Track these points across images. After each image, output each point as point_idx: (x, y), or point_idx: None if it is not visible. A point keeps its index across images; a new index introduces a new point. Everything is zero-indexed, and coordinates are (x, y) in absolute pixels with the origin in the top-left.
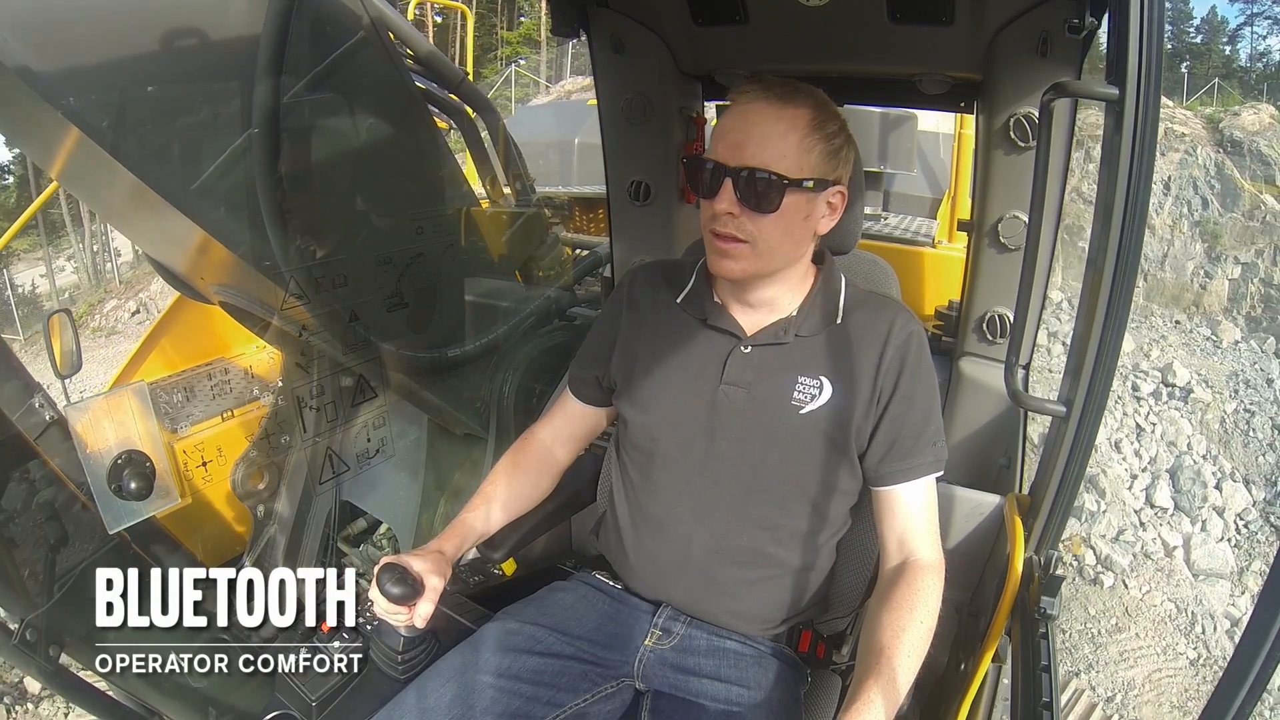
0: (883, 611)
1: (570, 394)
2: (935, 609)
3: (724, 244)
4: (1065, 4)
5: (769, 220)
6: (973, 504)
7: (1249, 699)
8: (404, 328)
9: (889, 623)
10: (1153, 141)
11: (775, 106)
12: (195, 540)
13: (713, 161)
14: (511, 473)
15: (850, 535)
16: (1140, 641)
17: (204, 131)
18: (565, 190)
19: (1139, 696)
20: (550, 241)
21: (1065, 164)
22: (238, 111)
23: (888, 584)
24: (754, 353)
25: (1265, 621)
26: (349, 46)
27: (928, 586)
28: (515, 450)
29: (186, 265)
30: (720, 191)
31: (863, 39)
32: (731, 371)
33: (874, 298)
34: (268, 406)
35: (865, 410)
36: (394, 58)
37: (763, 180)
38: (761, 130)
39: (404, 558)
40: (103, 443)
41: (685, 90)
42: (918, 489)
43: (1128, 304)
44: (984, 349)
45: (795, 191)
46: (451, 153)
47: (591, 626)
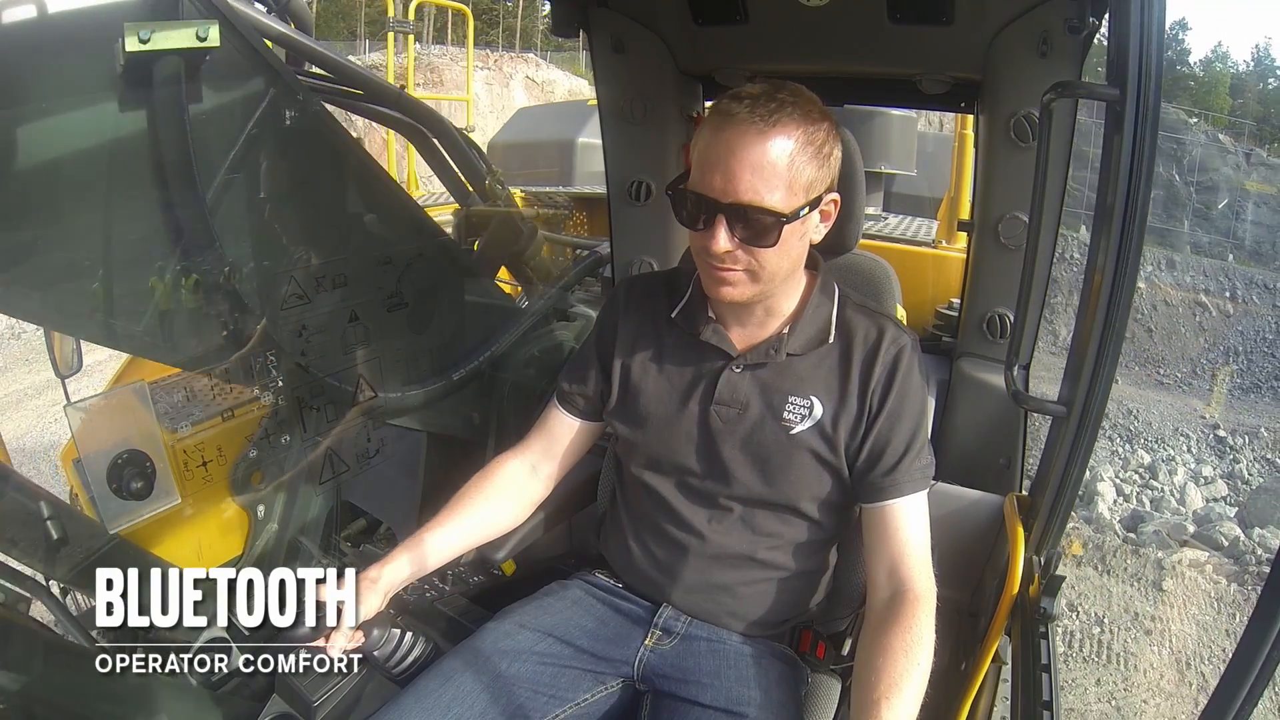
0: (877, 657)
1: (558, 409)
2: (931, 646)
3: (721, 272)
4: (1065, 4)
5: (768, 253)
6: (973, 504)
7: (1249, 699)
8: (397, 368)
9: (887, 670)
10: (1153, 142)
11: (761, 129)
12: (195, 540)
13: (703, 196)
14: (474, 500)
15: (850, 536)
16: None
17: (115, 266)
18: (565, 190)
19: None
20: (529, 233)
21: (1065, 164)
22: (157, 230)
23: (879, 623)
24: (745, 373)
25: (1265, 621)
26: (258, 117)
27: (922, 624)
28: (483, 475)
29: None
30: (714, 228)
31: (863, 39)
32: (723, 392)
33: (865, 311)
34: (268, 406)
35: (854, 428)
36: (307, 104)
37: (760, 218)
38: (752, 160)
39: (331, 582)
40: (103, 443)
41: (685, 90)
42: (907, 507)
43: (1128, 304)
44: (984, 349)
45: (792, 222)
46: (388, 180)
47: (591, 627)
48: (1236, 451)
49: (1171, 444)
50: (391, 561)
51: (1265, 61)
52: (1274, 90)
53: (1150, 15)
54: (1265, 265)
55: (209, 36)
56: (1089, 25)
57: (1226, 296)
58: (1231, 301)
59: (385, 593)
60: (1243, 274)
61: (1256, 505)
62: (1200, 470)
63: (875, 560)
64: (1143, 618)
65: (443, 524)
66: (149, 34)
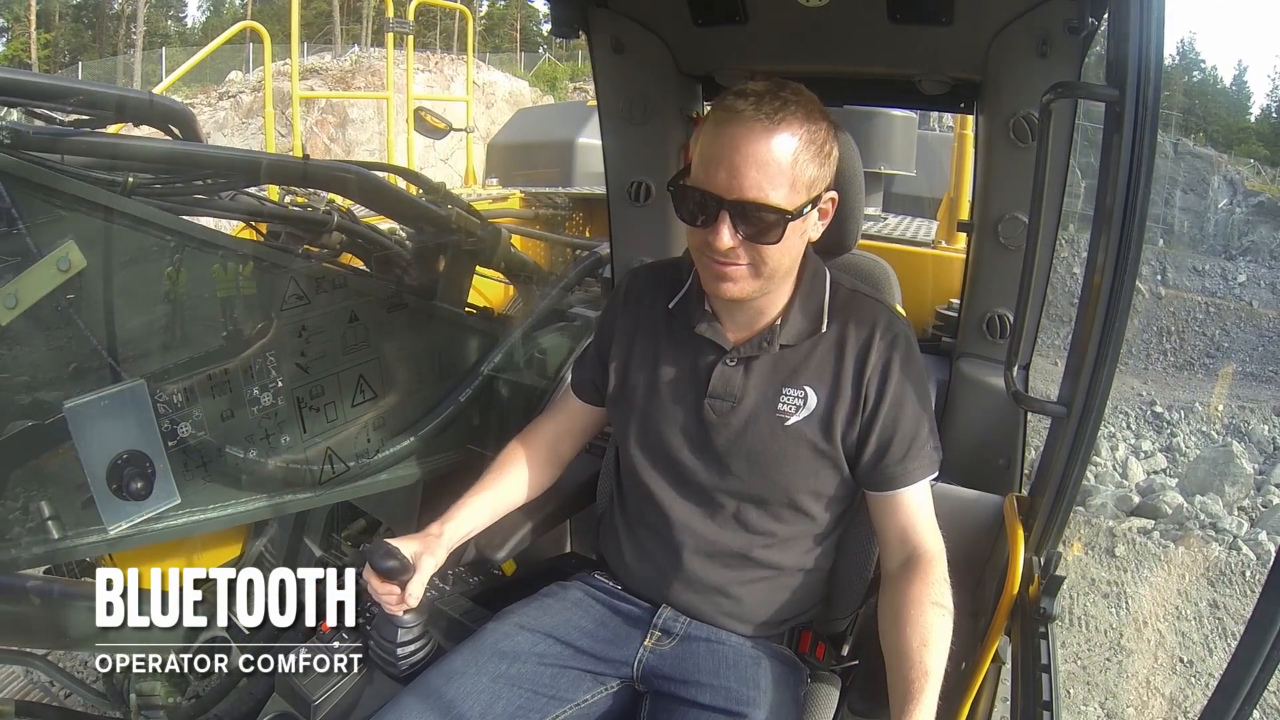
0: (905, 608)
1: (570, 394)
2: (950, 596)
3: (723, 268)
4: (1065, 4)
5: (771, 249)
6: (973, 504)
7: (1249, 699)
8: (383, 419)
9: (917, 620)
10: (1152, 142)
11: (766, 126)
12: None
13: (707, 192)
14: (514, 464)
15: (849, 536)
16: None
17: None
18: (565, 191)
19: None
20: (491, 237)
21: (1065, 164)
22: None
23: (899, 579)
24: (738, 365)
25: (1265, 622)
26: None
27: (940, 577)
28: (519, 441)
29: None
30: (717, 225)
31: (863, 39)
32: (716, 385)
33: (858, 299)
34: (269, 404)
35: (850, 418)
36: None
37: (764, 215)
38: (756, 157)
39: (395, 540)
40: (103, 442)
41: (685, 90)
42: (915, 491)
43: (1128, 304)
44: (984, 349)
45: (795, 219)
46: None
47: (591, 627)
48: (1173, 426)
49: (1112, 421)
50: (451, 519)
51: (1190, 56)
52: (1198, 83)
53: (1149, 15)
54: (1194, 249)
55: (71, 263)
56: (1089, 26)
57: (1158, 280)
58: (1163, 285)
59: (448, 548)
60: (1173, 257)
61: (1196, 474)
62: (1140, 445)
63: (888, 530)
64: (1099, 583)
65: (489, 486)
66: (14, 298)
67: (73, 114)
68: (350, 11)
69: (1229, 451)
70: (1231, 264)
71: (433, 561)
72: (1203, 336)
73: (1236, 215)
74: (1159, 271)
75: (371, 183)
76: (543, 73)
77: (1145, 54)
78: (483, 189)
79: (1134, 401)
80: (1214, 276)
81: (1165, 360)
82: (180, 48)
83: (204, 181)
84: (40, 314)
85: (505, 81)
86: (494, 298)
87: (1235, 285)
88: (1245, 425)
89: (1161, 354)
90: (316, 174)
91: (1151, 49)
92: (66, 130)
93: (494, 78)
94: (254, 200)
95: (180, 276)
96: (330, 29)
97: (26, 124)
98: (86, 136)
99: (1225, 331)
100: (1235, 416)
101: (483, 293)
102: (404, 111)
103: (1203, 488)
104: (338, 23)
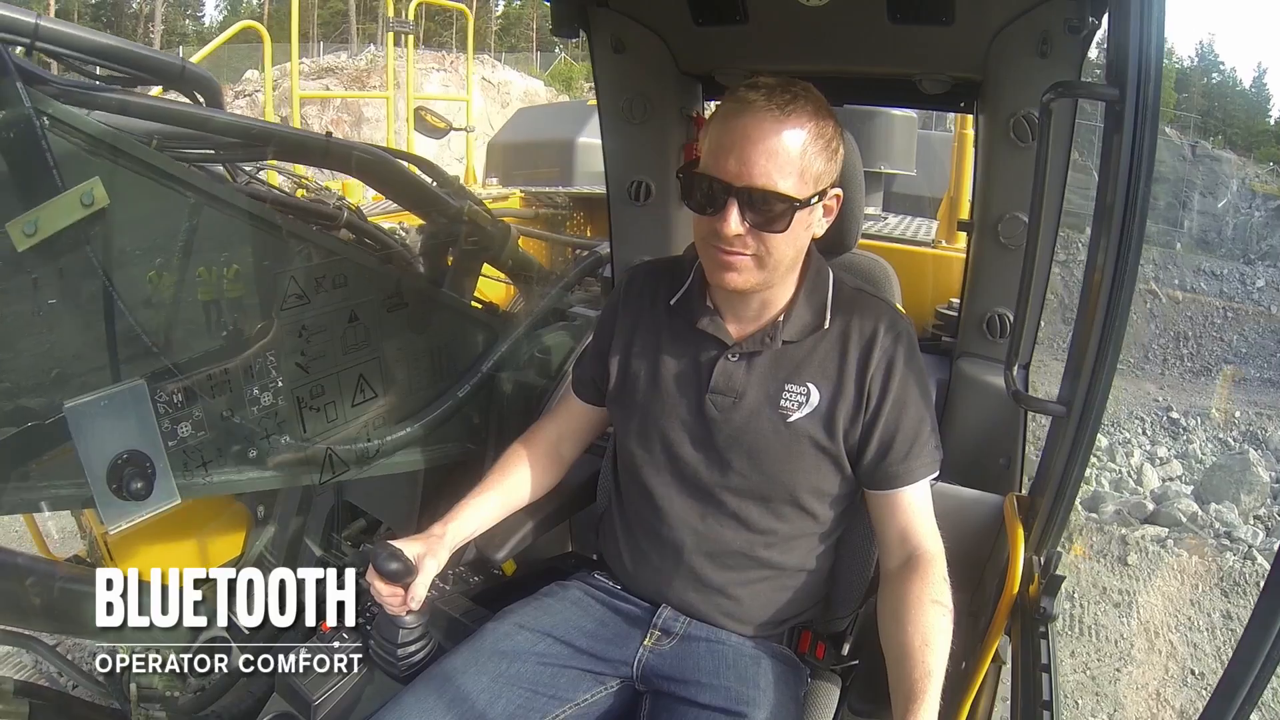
0: (905, 608)
1: (572, 394)
2: (950, 597)
3: (728, 257)
4: (1065, 4)
5: (777, 238)
6: (973, 504)
7: (1249, 699)
8: (387, 408)
9: (917, 620)
10: (1153, 142)
11: (777, 117)
12: (195, 540)
13: (716, 179)
14: (516, 465)
15: (848, 536)
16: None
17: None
18: (565, 190)
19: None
20: (500, 233)
21: (1065, 164)
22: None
23: (898, 579)
24: (740, 361)
25: (1265, 621)
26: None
27: (940, 576)
28: (521, 443)
29: None
30: (726, 211)
31: (863, 39)
32: (718, 380)
33: (861, 297)
34: (268, 405)
35: (853, 416)
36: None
37: (773, 203)
38: (767, 145)
39: (397, 541)
40: (103, 443)
41: (685, 90)
42: (916, 490)
43: (1128, 304)
44: (984, 349)
45: (803, 209)
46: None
47: (591, 627)
48: (1189, 432)
49: (1127, 427)
50: (454, 520)
51: (1209, 57)
52: (1217, 85)
53: (1150, 15)
54: (1211, 253)
55: (95, 198)
56: (1089, 25)
57: (1175, 285)
58: (1180, 289)
59: (450, 549)
60: (1190, 262)
61: (1212, 482)
62: (1155, 451)
63: (887, 530)
64: (1110, 591)
65: (491, 488)
66: (34, 224)
67: (103, 71)
68: (366, 11)
69: (1245, 459)
70: (1250, 268)
71: (435, 563)
72: (1220, 342)
73: (1255, 219)
74: (1176, 277)
75: (392, 167)
76: (559, 72)
77: (1145, 53)
78: (483, 188)
79: (1150, 407)
80: (1232, 280)
81: (1182, 366)
82: (198, 47)
83: (222, 151)
84: (57, 247)
85: (520, 81)
86: (495, 297)
87: (1254, 290)
88: (1262, 432)
89: (1178, 359)
90: (338, 152)
91: (1151, 49)
92: (98, 86)
93: (509, 77)
94: (264, 186)
95: (199, 233)
96: (347, 28)
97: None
98: (117, 93)
99: (1243, 336)
100: (1252, 423)
101: (484, 292)
102: (405, 111)
103: (1218, 495)
104: (353, 22)
